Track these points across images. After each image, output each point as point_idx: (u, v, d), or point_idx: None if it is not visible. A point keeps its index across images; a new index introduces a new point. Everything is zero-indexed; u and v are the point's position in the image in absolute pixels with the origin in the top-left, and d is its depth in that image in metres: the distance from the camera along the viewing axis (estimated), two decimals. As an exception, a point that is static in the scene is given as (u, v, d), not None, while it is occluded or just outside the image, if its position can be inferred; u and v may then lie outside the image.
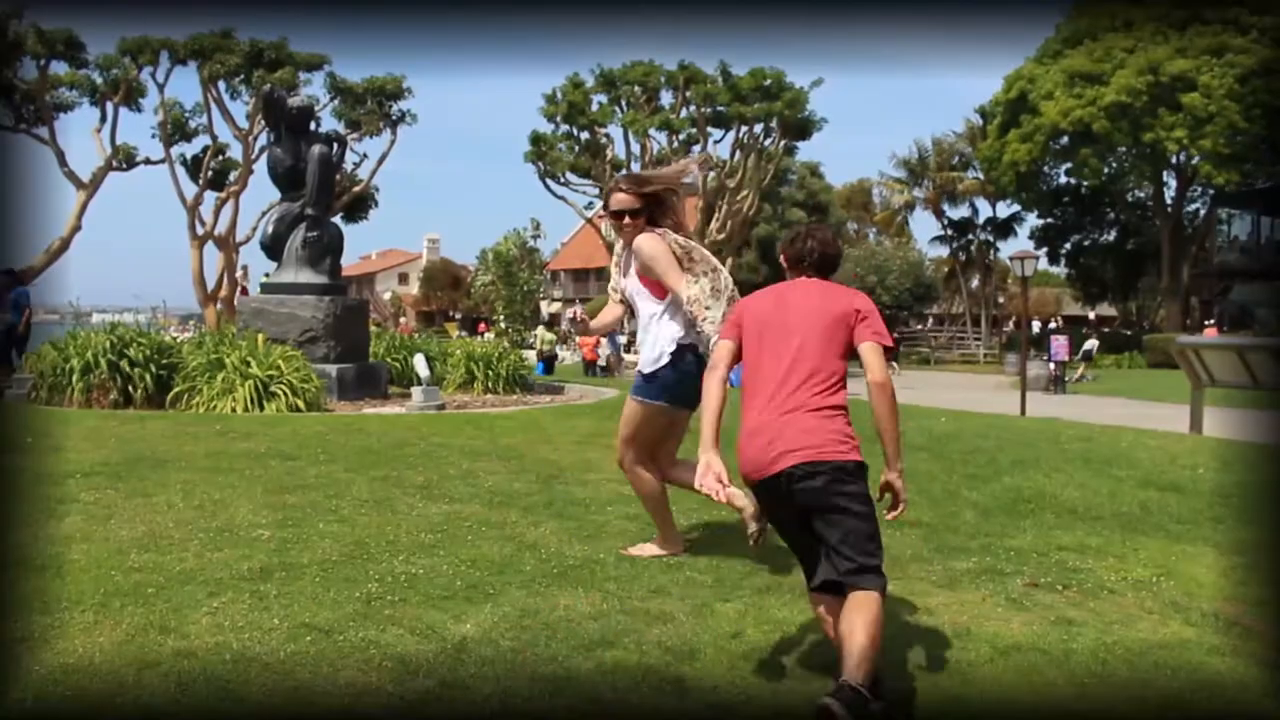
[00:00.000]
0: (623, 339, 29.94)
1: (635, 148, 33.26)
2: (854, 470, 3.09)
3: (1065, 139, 34.88)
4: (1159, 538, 5.14)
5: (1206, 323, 32.96)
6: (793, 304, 3.29)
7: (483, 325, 46.05)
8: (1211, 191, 36.48)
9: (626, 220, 4.41)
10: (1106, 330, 40.14)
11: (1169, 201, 38.61)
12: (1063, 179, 40.07)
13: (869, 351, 3.18)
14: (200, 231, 31.03)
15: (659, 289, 4.37)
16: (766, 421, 3.13)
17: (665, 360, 4.34)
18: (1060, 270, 48.58)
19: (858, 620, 2.89)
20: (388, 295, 68.10)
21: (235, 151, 31.99)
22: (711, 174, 34.06)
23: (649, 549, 4.54)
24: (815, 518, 3.06)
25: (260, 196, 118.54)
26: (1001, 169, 36.69)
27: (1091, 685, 3.16)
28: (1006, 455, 7.67)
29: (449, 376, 13.16)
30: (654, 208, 4.44)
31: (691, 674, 3.13)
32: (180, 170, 31.38)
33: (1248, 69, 30.56)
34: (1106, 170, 35.82)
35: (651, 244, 4.33)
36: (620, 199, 4.41)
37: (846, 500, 3.04)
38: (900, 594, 4.03)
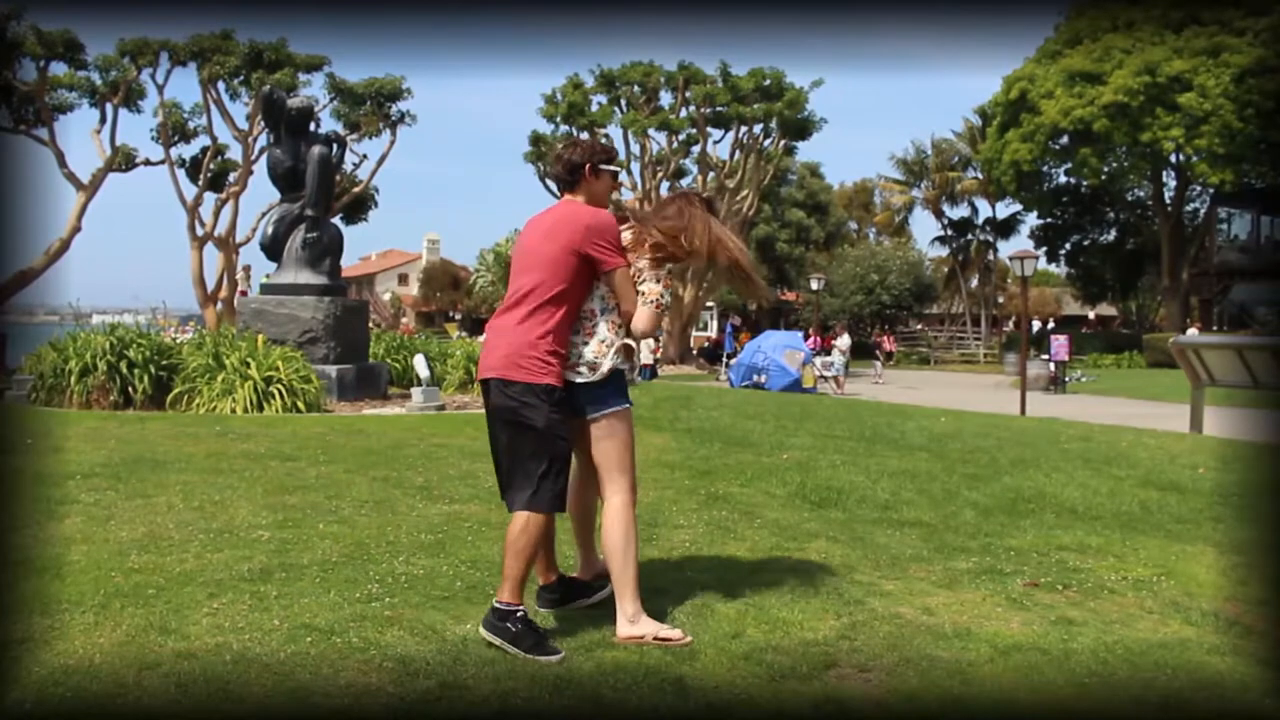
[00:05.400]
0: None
1: (635, 148, 33.26)
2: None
3: (1065, 139, 34.90)
4: (1159, 537, 5.14)
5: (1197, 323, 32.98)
6: (543, 221, 3.67)
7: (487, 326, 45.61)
8: (1211, 191, 36.50)
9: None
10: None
11: (1168, 201, 38.62)
12: (1062, 179, 40.10)
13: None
14: (200, 232, 31.01)
15: None
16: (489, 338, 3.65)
17: None
18: (1060, 270, 48.61)
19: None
20: (387, 296, 68.04)
21: (235, 152, 31.99)
22: (711, 174, 34.07)
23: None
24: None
25: (260, 197, 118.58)
26: (1001, 168, 36.71)
27: (1092, 685, 3.16)
28: (1006, 455, 7.67)
29: (449, 377, 13.17)
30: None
31: (691, 674, 3.13)
32: (180, 171, 31.37)
33: (1242, 69, 30.62)
34: (1106, 170, 35.83)
35: None
36: None
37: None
38: (900, 593, 4.03)
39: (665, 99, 33.43)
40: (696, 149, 33.73)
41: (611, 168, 3.79)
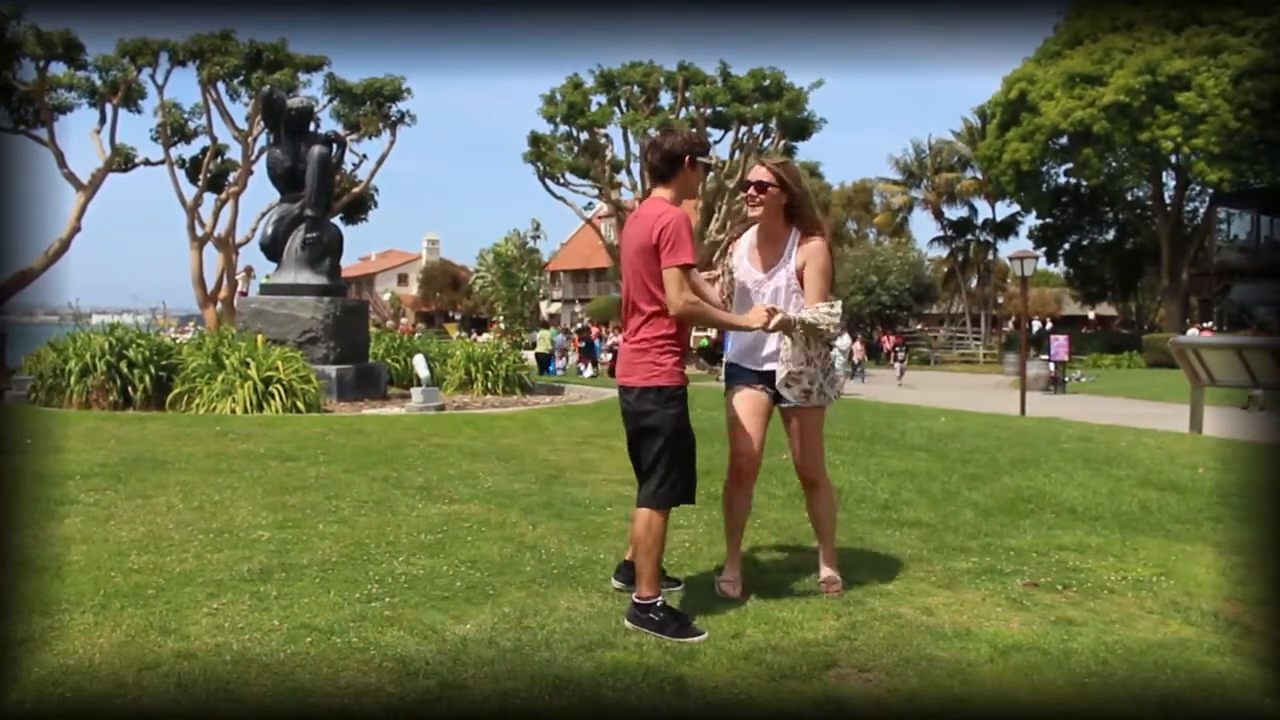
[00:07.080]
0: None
1: (635, 148, 33.25)
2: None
3: (1065, 139, 34.92)
4: (1159, 537, 5.14)
5: (1204, 324, 32.93)
6: (627, 229, 3.74)
7: (493, 324, 44.49)
8: (1210, 191, 36.53)
9: (767, 193, 3.90)
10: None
11: (1168, 201, 38.63)
12: (1062, 179, 40.12)
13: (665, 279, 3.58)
14: (200, 233, 31.02)
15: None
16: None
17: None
18: (1060, 270, 48.65)
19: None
20: (387, 296, 68.08)
21: (234, 152, 32.02)
22: (711, 174, 34.06)
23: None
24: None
25: (260, 197, 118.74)
26: (1001, 169, 36.72)
27: (1092, 685, 3.15)
28: (1006, 455, 7.68)
29: (449, 377, 13.16)
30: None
31: (691, 674, 3.13)
32: (180, 171, 31.38)
33: (1241, 70, 30.65)
34: (1105, 170, 35.86)
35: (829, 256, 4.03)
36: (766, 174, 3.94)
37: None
38: (900, 593, 4.03)
39: (665, 99, 33.44)
40: (696, 149, 33.70)
41: (706, 159, 3.76)
